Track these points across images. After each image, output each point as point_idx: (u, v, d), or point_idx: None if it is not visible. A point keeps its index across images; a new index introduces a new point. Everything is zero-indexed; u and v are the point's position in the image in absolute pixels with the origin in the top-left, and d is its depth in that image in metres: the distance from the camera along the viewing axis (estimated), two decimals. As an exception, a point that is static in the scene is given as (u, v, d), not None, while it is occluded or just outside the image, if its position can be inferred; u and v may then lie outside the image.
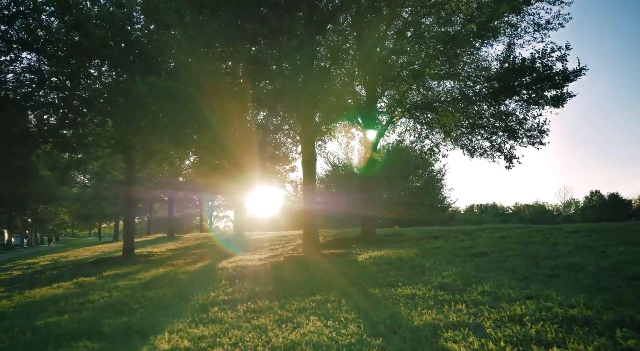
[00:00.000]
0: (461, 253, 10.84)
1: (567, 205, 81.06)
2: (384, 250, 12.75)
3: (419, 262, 10.08)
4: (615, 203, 75.18)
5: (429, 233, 17.72)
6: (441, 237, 15.59)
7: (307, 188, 13.86)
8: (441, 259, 10.30)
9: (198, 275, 10.99)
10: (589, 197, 78.79)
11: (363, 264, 10.46)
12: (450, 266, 9.23)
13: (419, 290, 7.14)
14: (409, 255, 11.08)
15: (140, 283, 10.73)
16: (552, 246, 10.48)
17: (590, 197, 78.19)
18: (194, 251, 20.77)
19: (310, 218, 13.47)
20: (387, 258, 10.83)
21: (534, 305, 5.66)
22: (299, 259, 11.86)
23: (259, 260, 12.66)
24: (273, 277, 9.64)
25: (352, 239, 17.32)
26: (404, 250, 12.53)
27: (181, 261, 16.64)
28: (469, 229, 17.16)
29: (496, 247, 11.33)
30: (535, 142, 14.79)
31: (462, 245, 12.55)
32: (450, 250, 11.62)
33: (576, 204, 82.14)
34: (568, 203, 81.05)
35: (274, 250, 17.30)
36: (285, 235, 24.46)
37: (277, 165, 36.69)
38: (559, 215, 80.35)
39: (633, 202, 79.14)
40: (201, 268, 12.66)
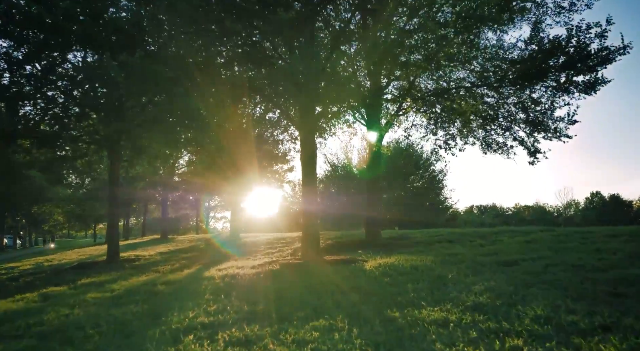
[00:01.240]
0: (486, 262, 9.23)
1: (568, 206, 79.63)
2: (394, 256, 11.13)
3: (438, 272, 8.47)
4: (616, 204, 73.78)
5: (439, 235, 16.12)
6: (455, 241, 13.98)
7: (306, 188, 12.26)
8: (464, 269, 8.69)
9: (180, 287, 9.35)
10: (589, 198, 77.39)
11: (372, 274, 8.85)
12: (479, 278, 7.62)
13: (451, 314, 5.52)
14: (425, 264, 9.47)
15: (112, 296, 9.09)
16: (595, 254, 8.88)
17: (591, 198, 76.81)
18: (185, 255, 19.12)
19: (310, 220, 11.86)
20: (400, 267, 9.22)
21: (621, 342, 4.06)
22: (298, 267, 10.24)
23: (252, 267, 11.03)
24: (266, 291, 8.01)
25: (356, 243, 15.70)
26: (416, 256, 10.92)
27: (167, 267, 15.02)
28: (485, 232, 15.55)
29: (525, 253, 9.73)
30: (560, 135, 13.17)
31: (483, 251, 10.94)
32: (472, 256, 10.01)
33: (576, 205, 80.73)
34: (568, 204, 79.63)
35: (271, 255, 15.67)
36: (283, 238, 22.83)
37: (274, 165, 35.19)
38: (559, 216, 78.91)
39: (634, 203, 77.75)
40: (186, 276, 11.02)
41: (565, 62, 11.48)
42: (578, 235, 12.09)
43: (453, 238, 14.78)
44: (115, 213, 18.00)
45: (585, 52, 11.14)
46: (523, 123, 13.47)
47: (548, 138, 13.40)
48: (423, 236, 16.50)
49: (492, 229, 16.69)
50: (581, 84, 11.94)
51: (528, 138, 13.73)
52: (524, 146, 13.85)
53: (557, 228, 16.66)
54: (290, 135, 25.38)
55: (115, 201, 17.88)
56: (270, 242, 21.52)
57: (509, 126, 13.81)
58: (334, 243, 16.39)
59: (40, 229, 78.07)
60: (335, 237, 19.44)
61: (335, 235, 20.18)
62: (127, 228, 48.62)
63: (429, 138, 16.04)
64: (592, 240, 10.93)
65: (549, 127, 13.14)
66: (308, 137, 11.83)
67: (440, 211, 51.06)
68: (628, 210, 75.37)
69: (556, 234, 12.79)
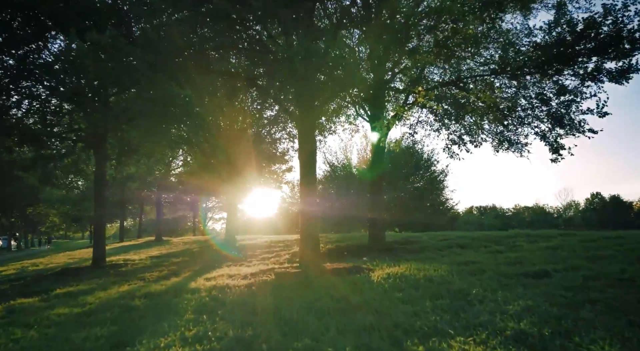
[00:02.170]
0: (511, 272, 7.98)
1: (568, 207, 78.57)
2: (403, 264, 9.87)
3: (458, 285, 7.21)
4: (617, 205, 72.71)
5: (447, 239, 14.87)
6: (467, 246, 12.73)
7: (305, 188, 10.97)
8: (488, 281, 7.44)
9: (160, 302, 8.07)
10: (589, 199, 76.32)
11: (381, 287, 7.59)
12: (509, 294, 6.37)
13: (490, 347, 4.27)
14: (440, 275, 8.21)
15: (82, 312, 7.82)
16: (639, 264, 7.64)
17: (591, 199, 75.75)
18: (176, 259, 17.83)
19: (309, 223, 10.57)
20: (412, 279, 7.96)
21: None
22: (296, 277, 8.97)
23: (244, 277, 9.75)
24: (258, 310, 6.74)
25: (359, 247, 14.44)
26: (428, 264, 9.66)
27: (155, 273, 13.74)
28: (498, 236, 14.28)
29: (555, 262, 8.48)
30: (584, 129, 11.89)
31: (503, 258, 9.69)
32: (493, 266, 8.75)
33: (576, 206, 79.68)
34: (569, 205, 78.56)
35: (267, 260, 14.40)
36: (280, 240, 21.56)
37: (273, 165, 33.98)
38: (559, 217, 77.82)
39: (634, 204, 76.73)
40: (171, 287, 9.73)
41: (596, 46, 10.18)
42: (608, 240, 10.85)
43: (463, 242, 13.53)
44: (102, 216, 16.71)
45: (620, 34, 9.86)
46: (545, 117, 12.18)
47: (571, 133, 12.13)
48: (430, 240, 15.24)
49: (505, 233, 15.45)
50: (612, 72, 10.66)
51: (550, 133, 12.44)
52: (546, 142, 12.56)
53: (577, 231, 15.43)
54: (288, 133, 24.16)
55: (101, 203, 16.59)
56: (268, 245, 20.25)
57: (528, 120, 12.53)
58: (334, 247, 15.12)
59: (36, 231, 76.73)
60: (335, 240, 18.17)
61: (336, 238, 18.92)
62: (123, 230, 47.24)
63: (442, 133, 14.76)
64: (628, 245, 9.68)
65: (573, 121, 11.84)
66: (307, 133, 10.57)
67: (441, 212, 49.79)
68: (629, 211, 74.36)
69: (581, 239, 11.54)
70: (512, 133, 13.77)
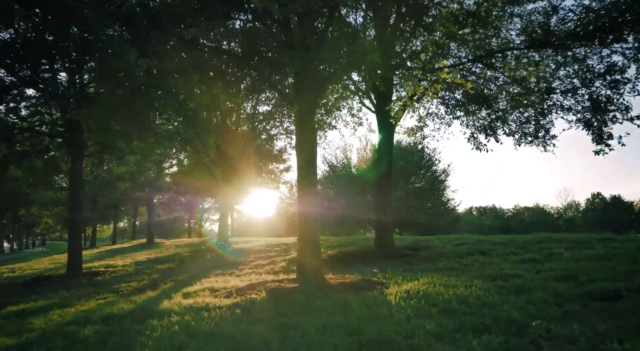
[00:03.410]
0: (569, 292, 6.15)
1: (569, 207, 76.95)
2: (423, 277, 8.03)
3: (506, 311, 5.37)
4: (618, 205, 71.08)
5: (463, 244, 13.04)
6: (491, 254, 10.90)
7: (305, 187, 8.95)
8: (542, 305, 5.61)
9: (118, 329, 6.18)
10: (590, 200, 74.68)
11: (403, 312, 5.73)
12: (583, 327, 4.53)
13: None
14: (475, 294, 6.36)
15: (16, 343, 5.96)
16: None
17: (592, 199, 74.11)
18: (162, 266, 15.94)
19: (308, 227, 8.61)
20: (441, 300, 6.12)
21: None
22: (291, 295, 7.10)
23: (228, 294, 7.85)
24: (239, 348, 4.89)
25: (364, 253, 12.60)
26: (454, 278, 7.83)
27: (133, 284, 11.88)
28: (523, 241, 12.41)
29: (618, 278, 6.65)
30: (631, 116, 10.04)
31: (547, 271, 7.84)
32: (540, 282, 6.89)
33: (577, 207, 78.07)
34: (569, 206, 76.93)
35: (260, 268, 12.54)
36: (277, 244, 19.66)
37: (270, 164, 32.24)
38: (559, 217, 76.15)
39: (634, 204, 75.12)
40: (140, 306, 7.85)
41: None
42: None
43: (485, 248, 11.69)
44: (78, 219, 14.77)
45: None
46: (586, 101, 10.32)
47: (616, 119, 10.22)
48: (443, 244, 13.41)
49: (530, 237, 13.62)
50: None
51: (594, 120, 10.53)
52: (591, 130, 10.66)
53: (618, 235, 13.61)
54: (285, 129, 22.29)
55: (77, 205, 14.67)
56: (263, 249, 18.36)
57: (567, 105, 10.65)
58: (337, 253, 13.26)
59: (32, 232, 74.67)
60: (337, 244, 16.30)
61: (337, 242, 17.04)
62: (115, 232, 45.28)
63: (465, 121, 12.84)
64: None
65: (621, 104, 9.95)
66: (306, 121, 8.65)
67: (442, 213, 47.94)
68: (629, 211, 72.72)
69: (635, 246, 9.68)
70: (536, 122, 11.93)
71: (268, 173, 32.13)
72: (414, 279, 7.91)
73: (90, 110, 9.31)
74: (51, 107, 14.68)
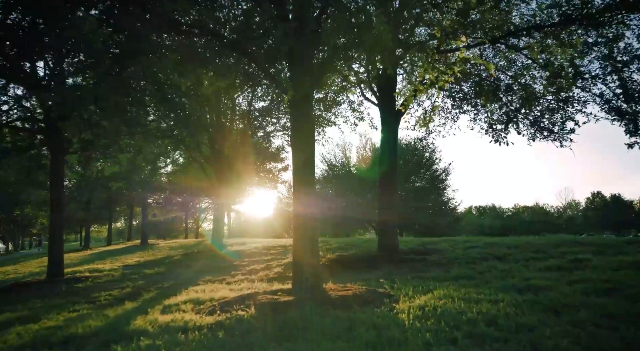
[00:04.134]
0: (618, 311, 5.07)
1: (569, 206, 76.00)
2: (437, 288, 6.95)
3: (546, 335, 4.29)
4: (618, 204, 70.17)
5: (474, 247, 11.96)
6: (507, 259, 9.81)
7: (301, 185, 7.83)
8: (590, 328, 4.52)
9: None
10: (590, 199, 73.77)
11: (419, 336, 4.63)
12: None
13: None
14: (503, 311, 5.28)
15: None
16: None
17: (592, 199, 73.18)
18: (150, 270, 14.83)
19: (305, 231, 7.44)
20: (464, 320, 5.03)
21: None
22: (284, 313, 6.00)
23: (211, 310, 6.73)
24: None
25: (367, 258, 11.51)
26: (472, 289, 6.75)
27: (114, 292, 10.79)
28: (540, 244, 11.33)
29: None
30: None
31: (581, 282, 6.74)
32: (577, 297, 5.81)
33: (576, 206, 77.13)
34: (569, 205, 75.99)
35: (252, 275, 11.44)
36: (274, 246, 18.55)
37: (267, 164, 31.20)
38: (560, 217, 75.18)
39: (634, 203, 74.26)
40: (109, 324, 6.75)
41: None
42: None
43: (499, 253, 10.60)
44: (58, 221, 13.65)
45: None
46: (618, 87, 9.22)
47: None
48: (452, 248, 12.32)
49: (546, 240, 12.54)
50: None
51: (630, 108, 9.41)
52: (624, 120, 9.51)
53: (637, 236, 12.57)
54: (282, 126, 21.19)
55: (58, 205, 13.54)
56: (259, 251, 17.26)
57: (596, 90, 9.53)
58: (336, 257, 12.17)
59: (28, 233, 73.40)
60: (337, 246, 15.20)
61: (338, 244, 15.93)
62: (110, 233, 44.10)
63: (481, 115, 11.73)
64: None
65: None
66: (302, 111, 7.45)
67: (443, 213, 46.86)
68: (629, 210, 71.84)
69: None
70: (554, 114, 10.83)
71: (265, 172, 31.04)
72: (426, 290, 6.83)
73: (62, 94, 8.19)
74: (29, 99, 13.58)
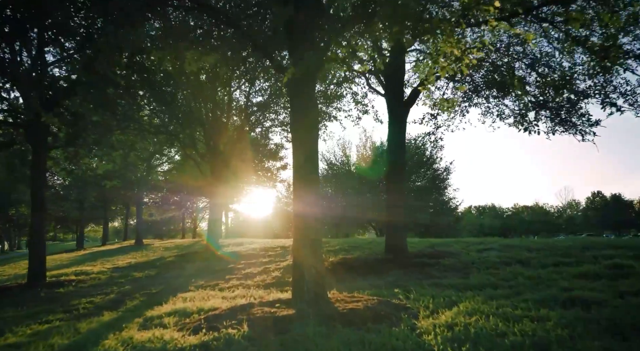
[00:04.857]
0: None
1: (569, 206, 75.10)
2: (463, 299, 5.91)
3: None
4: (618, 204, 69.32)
5: (489, 249, 10.94)
6: (529, 263, 8.78)
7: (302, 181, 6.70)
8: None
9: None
10: (590, 198, 72.90)
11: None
12: None
13: None
14: (556, 334, 4.23)
15: None
16: None
17: (593, 198, 72.31)
18: (139, 273, 13.75)
19: (307, 232, 6.34)
20: (508, 345, 3.99)
21: None
22: (283, 331, 4.96)
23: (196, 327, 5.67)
24: None
25: (375, 261, 10.47)
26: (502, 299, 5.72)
27: (97, 299, 9.74)
28: (563, 247, 10.30)
29: None
30: None
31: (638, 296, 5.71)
32: (637, 310, 4.78)
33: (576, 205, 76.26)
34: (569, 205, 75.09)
35: (248, 280, 10.38)
36: (272, 247, 17.50)
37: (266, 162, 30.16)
38: (560, 216, 74.29)
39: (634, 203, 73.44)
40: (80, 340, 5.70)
41: None
42: None
43: (518, 256, 9.57)
44: (39, 221, 12.56)
45: None
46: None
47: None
48: (465, 250, 11.29)
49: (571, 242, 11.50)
50: None
51: None
52: None
53: None
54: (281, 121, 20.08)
55: (39, 204, 12.45)
56: (257, 253, 16.21)
57: None
58: (340, 261, 11.12)
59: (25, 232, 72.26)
60: (340, 248, 14.15)
61: (340, 246, 14.87)
62: (106, 233, 42.91)
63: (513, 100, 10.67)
64: None
65: None
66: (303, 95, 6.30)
67: (444, 212, 45.86)
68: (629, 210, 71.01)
69: None
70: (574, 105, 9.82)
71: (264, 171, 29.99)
72: (449, 303, 5.79)
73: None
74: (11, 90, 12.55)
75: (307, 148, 6.57)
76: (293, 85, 6.38)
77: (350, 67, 11.10)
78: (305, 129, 6.38)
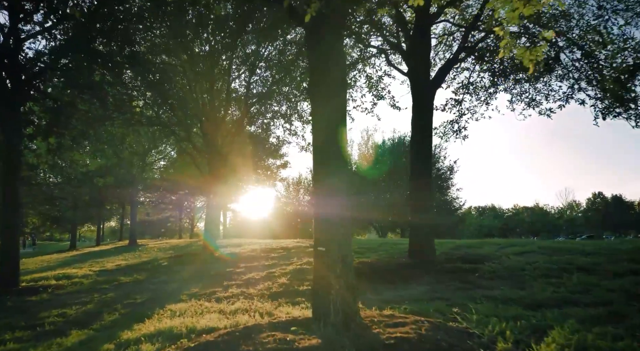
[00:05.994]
0: None
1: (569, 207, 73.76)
2: (551, 324, 4.30)
3: None
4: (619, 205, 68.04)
5: (528, 252, 9.35)
6: (594, 270, 7.20)
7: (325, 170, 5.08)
8: None
9: None
10: (591, 199, 71.60)
11: None
12: None
13: None
14: None
15: None
16: None
17: (593, 199, 71.02)
18: (127, 278, 12.08)
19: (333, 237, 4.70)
20: None
21: None
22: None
23: None
24: None
25: (398, 266, 8.86)
26: (593, 321, 4.11)
27: (71, 310, 8.12)
28: (620, 250, 8.74)
29: None
30: None
31: None
32: None
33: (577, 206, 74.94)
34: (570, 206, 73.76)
35: (250, 288, 8.74)
36: (275, 248, 15.87)
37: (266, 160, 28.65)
38: (560, 217, 72.94)
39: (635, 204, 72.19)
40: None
41: None
42: None
43: (573, 260, 7.99)
44: (12, 220, 10.85)
45: None
46: None
47: None
48: (498, 253, 9.69)
49: (629, 244, 9.96)
50: None
51: None
52: None
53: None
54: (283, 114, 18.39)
55: (12, 202, 10.76)
56: (258, 255, 14.58)
57: None
58: (357, 266, 9.49)
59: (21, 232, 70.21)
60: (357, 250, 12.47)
61: (358, 246, 13.19)
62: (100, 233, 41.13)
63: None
64: None
65: None
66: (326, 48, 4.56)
67: (447, 212, 44.34)
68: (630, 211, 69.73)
69: None
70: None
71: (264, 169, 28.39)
72: (526, 325, 4.18)
73: None
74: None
75: (330, 122, 4.96)
76: (314, 27, 4.71)
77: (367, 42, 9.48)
78: (327, 93, 4.77)
